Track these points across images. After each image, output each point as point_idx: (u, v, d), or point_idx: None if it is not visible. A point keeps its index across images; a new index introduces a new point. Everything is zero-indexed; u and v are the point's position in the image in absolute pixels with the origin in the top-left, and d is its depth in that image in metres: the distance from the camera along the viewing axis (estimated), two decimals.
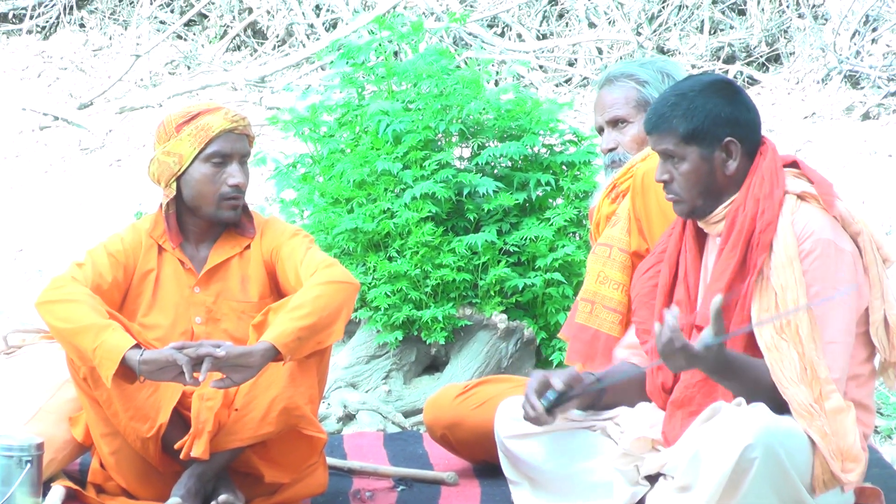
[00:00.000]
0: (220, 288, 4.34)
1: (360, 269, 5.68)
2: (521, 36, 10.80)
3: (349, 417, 5.47)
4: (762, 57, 10.48)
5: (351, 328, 5.74)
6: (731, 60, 10.43)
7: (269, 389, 4.11)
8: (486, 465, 4.62)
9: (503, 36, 10.83)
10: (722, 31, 10.74)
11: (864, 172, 8.46)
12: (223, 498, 4.14)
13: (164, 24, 11.31)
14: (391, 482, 4.59)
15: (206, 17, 11.38)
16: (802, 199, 3.67)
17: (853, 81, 9.86)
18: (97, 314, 4.08)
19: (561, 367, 5.27)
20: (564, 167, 5.72)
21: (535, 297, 5.65)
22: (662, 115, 3.70)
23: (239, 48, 11.21)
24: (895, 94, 9.54)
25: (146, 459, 4.21)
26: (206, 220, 4.34)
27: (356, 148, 5.79)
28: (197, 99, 10.10)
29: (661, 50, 10.55)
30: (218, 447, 4.13)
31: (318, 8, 11.14)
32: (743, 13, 10.81)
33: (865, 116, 9.39)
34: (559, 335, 4.54)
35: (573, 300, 5.15)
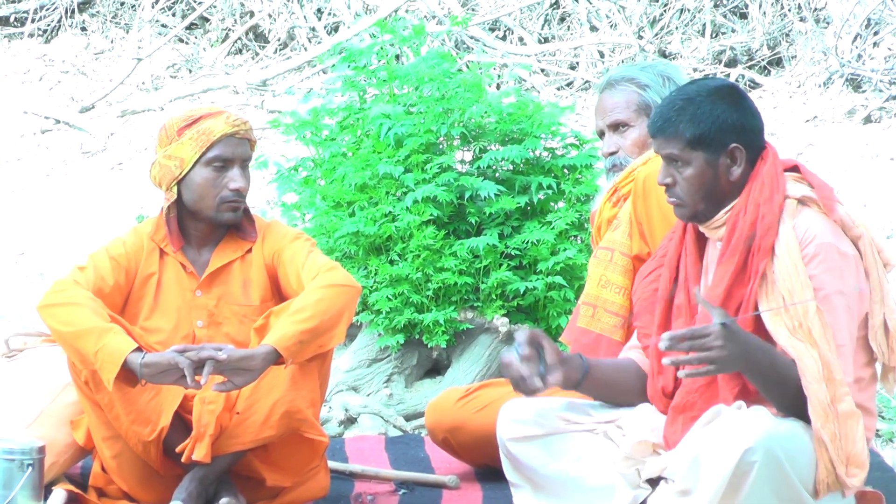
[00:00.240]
0: (221, 291, 4.34)
1: (361, 272, 5.68)
2: (522, 39, 10.80)
3: (351, 421, 5.47)
4: (764, 60, 10.48)
5: (352, 332, 5.74)
6: (732, 64, 10.44)
7: (270, 393, 4.10)
8: (487, 468, 4.62)
9: (505, 39, 10.84)
10: (724, 34, 10.74)
11: (865, 176, 8.46)
12: (225, 501, 4.14)
13: (165, 27, 11.31)
14: (393, 486, 4.59)
15: (207, 20, 11.38)
16: (803, 203, 3.66)
17: (855, 85, 9.86)
18: (99, 318, 4.08)
19: None
20: (566, 171, 5.72)
21: (536, 300, 5.65)
22: (668, 119, 3.68)
23: (241, 51, 11.21)
24: None
25: (148, 463, 4.20)
26: (207, 223, 4.34)
27: (358, 151, 5.79)
28: (198, 102, 10.10)
29: (662, 53, 10.55)
30: (219, 451, 4.13)
31: (319, 11, 11.14)
32: (744, 17, 10.82)
33: (867, 120, 9.39)
34: (561, 339, 4.53)
35: (574, 304, 5.16)
